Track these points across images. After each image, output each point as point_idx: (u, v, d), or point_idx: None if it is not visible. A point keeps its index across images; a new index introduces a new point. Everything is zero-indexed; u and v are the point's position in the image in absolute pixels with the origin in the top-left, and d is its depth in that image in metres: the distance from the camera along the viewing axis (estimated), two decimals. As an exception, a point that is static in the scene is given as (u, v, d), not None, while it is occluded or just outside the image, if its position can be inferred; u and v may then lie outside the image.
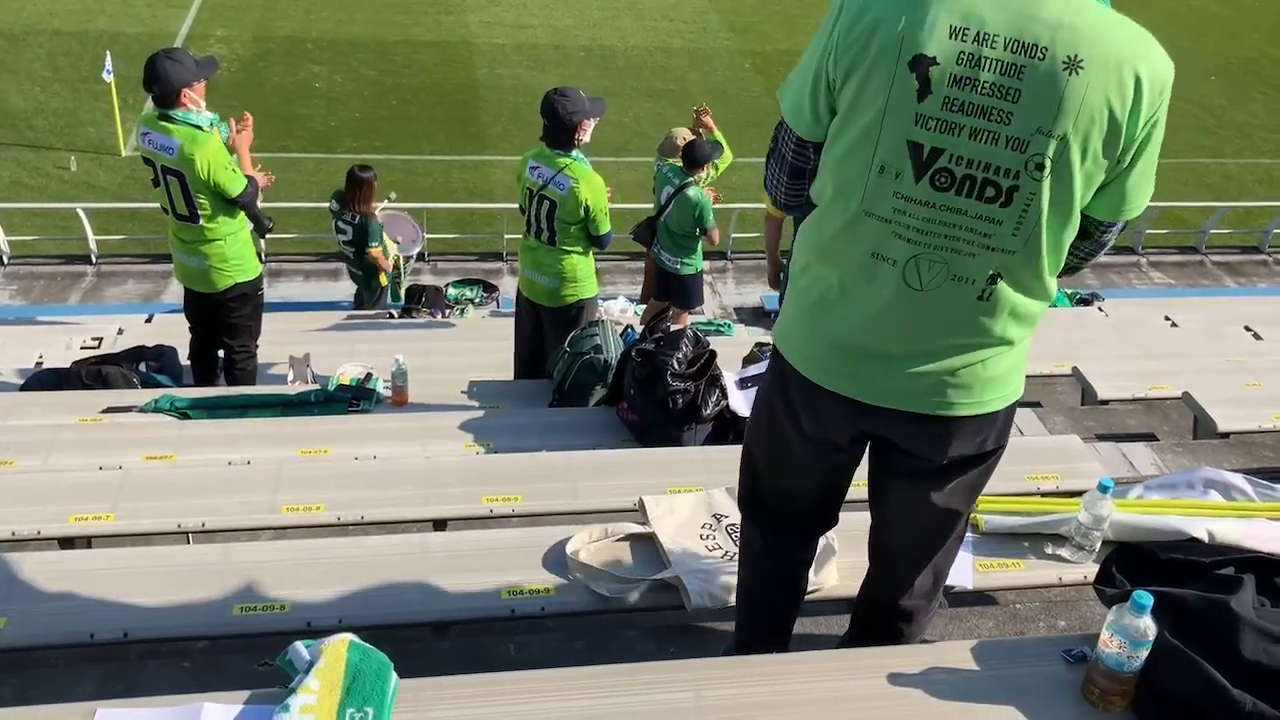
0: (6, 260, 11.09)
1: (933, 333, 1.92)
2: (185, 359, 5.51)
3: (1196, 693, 1.92)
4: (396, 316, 7.58)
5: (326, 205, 7.85)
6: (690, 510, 2.99)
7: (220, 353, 5.37)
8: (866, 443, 2.17)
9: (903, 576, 2.30)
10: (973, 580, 2.79)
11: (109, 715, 1.91)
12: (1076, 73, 1.70)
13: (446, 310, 8.24)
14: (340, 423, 4.25)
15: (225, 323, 5.20)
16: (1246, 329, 6.81)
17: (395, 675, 1.98)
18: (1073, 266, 2.00)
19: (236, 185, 4.76)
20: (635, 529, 2.91)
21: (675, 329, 4.50)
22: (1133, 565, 2.33)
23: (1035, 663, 2.13)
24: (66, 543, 3.08)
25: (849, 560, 2.70)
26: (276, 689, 1.95)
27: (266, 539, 3.17)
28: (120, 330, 6.54)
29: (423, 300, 8.15)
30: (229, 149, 4.86)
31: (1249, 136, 17.41)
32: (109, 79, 12.71)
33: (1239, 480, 3.01)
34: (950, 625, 2.82)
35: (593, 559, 2.79)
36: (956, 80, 1.73)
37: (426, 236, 10.56)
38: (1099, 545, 2.77)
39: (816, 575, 2.66)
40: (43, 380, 5.07)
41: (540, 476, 3.46)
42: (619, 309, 8.53)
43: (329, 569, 2.75)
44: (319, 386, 4.84)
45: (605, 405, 4.51)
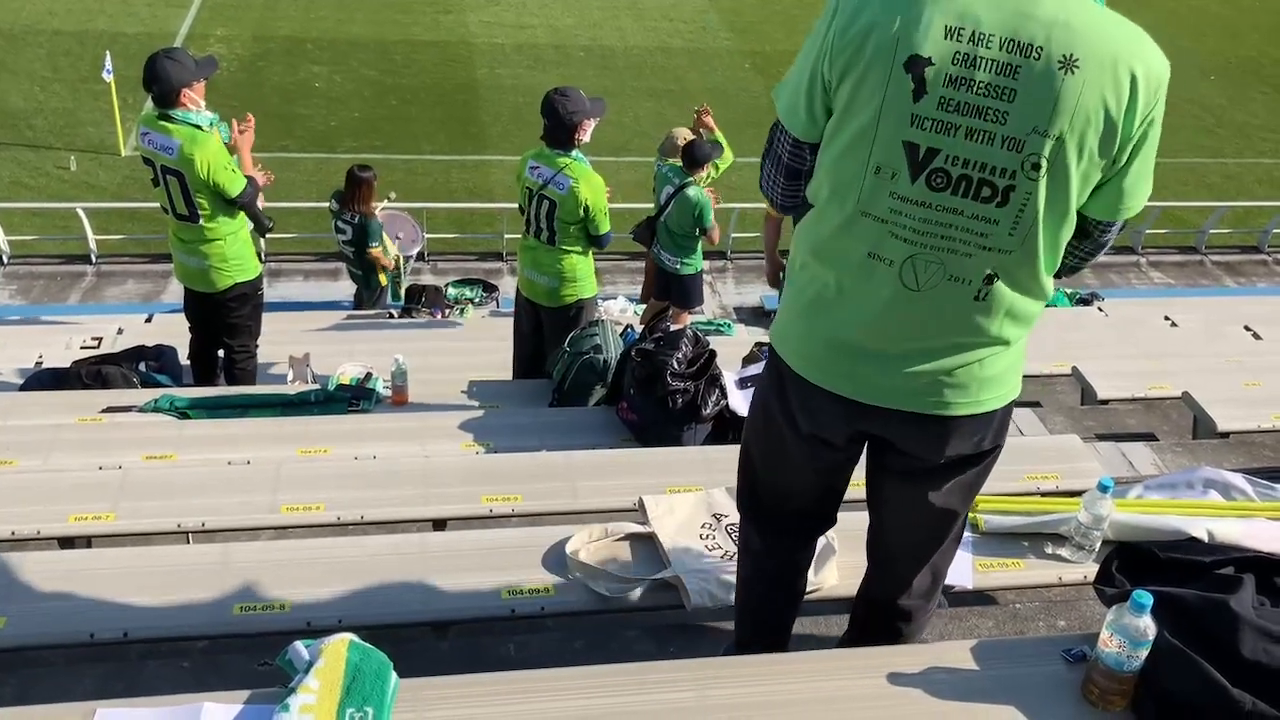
0: (6, 260, 11.09)
1: (929, 332, 1.92)
2: (185, 359, 5.51)
3: (1196, 692, 1.92)
4: (396, 316, 7.58)
5: (326, 205, 7.85)
6: (690, 510, 2.99)
7: (220, 352, 5.37)
8: (864, 442, 2.16)
9: (901, 576, 2.30)
10: (972, 580, 2.79)
11: (109, 715, 1.91)
12: (1072, 72, 1.70)
13: (446, 310, 8.23)
14: (340, 422, 4.25)
15: (225, 322, 5.20)
16: (1246, 329, 6.82)
17: (395, 675, 1.98)
18: (1073, 267, 2.00)
19: (236, 185, 4.76)
20: (635, 529, 2.91)
21: (675, 329, 4.51)
22: (1132, 565, 2.33)
23: (1035, 662, 2.13)
24: (66, 542, 3.08)
25: (849, 560, 2.70)
26: (276, 689, 1.95)
27: (266, 539, 3.17)
28: (120, 330, 6.54)
29: (423, 300, 8.15)
30: (229, 149, 4.86)
31: (1249, 136, 17.41)
32: (109, 79, 12.72)
33: (1239, 480, 3.01)
34: (950, 625, 2.82)
35: (592, 559, 2.79)
36: (952, 80, 1.73)
37: (426, 236, 10.56)
38: (1099, 545, 2.77)
39: (816, 575, 2.66)
40: (42, 380, 5.06)
41: (540, 476, 3.46)
42: (619, 309, 8.52)
43: (329, 569, 2.75)
44: (319, 386, 4.84)
45: (605, 405, 4.51)
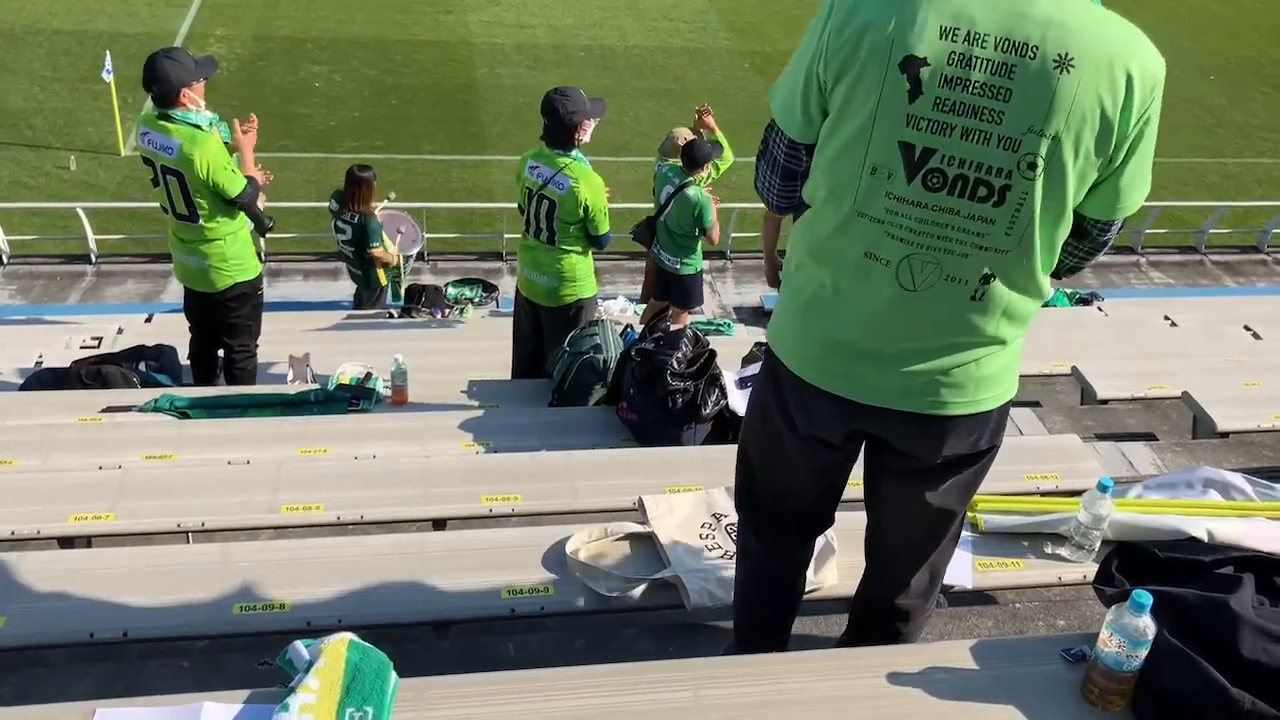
0: (6, 260, 11.09)
1: (926, 332, 1.92)
2: (185, 358, 5.51)
3: (1196, 692, 1.92)
4: (396, 316, 7.58)
5: (326, 205, 7.84)
6: (690, 509, 2.99)
7: (220, 352, 5.37)
8: (860, 442, 2.16)
9: (899, 576, 2.30)
10: (972, 580, 2.79)
11: (109, 714, 1.91)
12: (1067, 71, 1.70)
13: (446, 310, 8.23)
14: (340, 422, 4.25)
15: (225, 322, 5.20)
16: (1246, 328, 6.82)
17: (395, 674, 1.98)
18: (1073, 267, 2.00)
19: (235, 185, 4.75)
20: (635, 528, 2.91)
21: (675, 328, 4.51)
22: (1132, 564, 2.33)
23: (1034, 662, 2.13)
24: (66, 542, 3.08)
25: (849, 559, 2.69)
26: (276, 688, 1.95)
27: (266, 538, 3.17)
28: (120, 330, 6.54)
29: (422, 300, 8.14)
30: (230, 148, 4.86)
31: (1249, 136, 17.42)
32: (108, 78, 12.72)
33: (1238, 480, 3.01)
34: (950, 624, 2.82)
35: (592, 558, 2.79)
36: (947, 80, 1.73)
37: (426, 236, 10.56)
38: (1098, 545, 2.77)
39: (816, 574, 2.66)
40: (42, 380, 5.07)
41: (540, 476, 3.46)
42: (619, 308, 8.51)
43: (328, 568, 2.75)
44: (318, 386, 4.83)
45: (605, 405, 4.51)
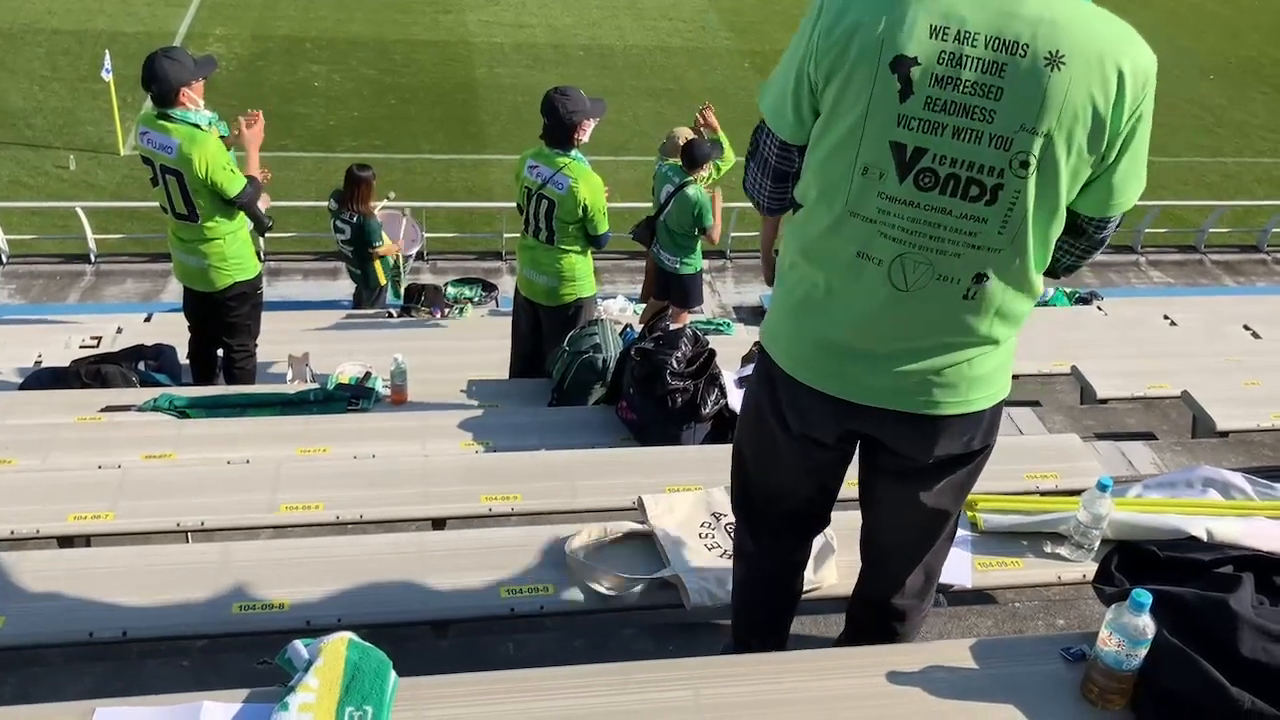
0: (5, 259, 11.09)
1: (918, 332, 1.92)
2: (184, 358, 5.51)
3: (1195, 691, 1.92)
4: (395, 315, 7.58)
5: (325, 204, 7.84)
6: (689, 509, 2.99)
7: (219, 352, 5.37)
8: (854, 442, 2.16)
9: (894, 576, 2.31)
10: (971, 579, 2.79)
11: (108, 714, 1.91)
12: (1058, 68, 1.70)
13: (445, 309, 8.23)
14: (339, 422, 4.25)
15: (224, 322, 5.20)
16: (1245, 328, 6.83)
17: (394, 673, 1.98)
18: (1070, 265, 2.00)
19: (235, 185, 4.74)
20: (634, 528, 2.91)
21: (674, 328, 4.50)
22: (1132, 564, 2.33)
23: (1034, 661, 2.13)
24: (66, 542, 3.08)
25: (848, 559, 2.69)
26: (276, 687, 1.95)
27: (265, 538, 3.17)
28: (119, 329, 6.54)
29: (422, 299, 8.13)
30: (228, 143, 4.85)
31: (1248, 136, 17.40)
32: (108, 78, 12.72)
33: (1238, 479, 3.01)
34: (949, 624, 2.82)
35: (592, 558, 2.79)
36: (938, 80, 1.72)
37: (426, 236, 10.56)
38: (1098, 544, 2.77)
39: (815, 574, 2.66)
40: (42, 379, 5.07)
41: (539, 475, 3.46)
42: (618, 308, 8.52)
43: (328, 568, 2.75)
44: (318, 385, 4.83)
45: (604, 404, 4.51)
